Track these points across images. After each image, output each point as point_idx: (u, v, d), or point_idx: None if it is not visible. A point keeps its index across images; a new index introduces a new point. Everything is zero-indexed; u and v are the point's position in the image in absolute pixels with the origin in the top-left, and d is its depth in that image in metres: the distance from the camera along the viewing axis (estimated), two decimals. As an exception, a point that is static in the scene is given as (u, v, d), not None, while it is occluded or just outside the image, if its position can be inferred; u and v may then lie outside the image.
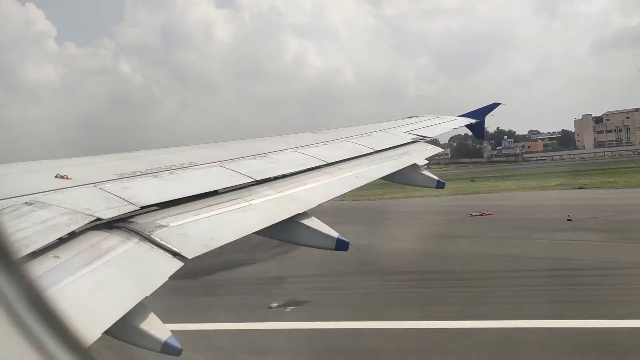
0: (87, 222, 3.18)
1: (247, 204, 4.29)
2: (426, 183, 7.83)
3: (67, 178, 3.74)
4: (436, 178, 7.79)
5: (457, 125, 12.48)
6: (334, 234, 4.52)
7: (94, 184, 3.78)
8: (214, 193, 4.33)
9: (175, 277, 3.05)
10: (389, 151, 7.87)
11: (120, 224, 3.36)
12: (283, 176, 5.27)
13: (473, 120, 13.70)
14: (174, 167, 4.61)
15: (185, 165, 4.74)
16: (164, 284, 2.99)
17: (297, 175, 5.45)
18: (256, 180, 4.83)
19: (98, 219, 3.26)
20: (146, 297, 2.86)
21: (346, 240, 4.52)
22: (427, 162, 8.14)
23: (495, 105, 14.91)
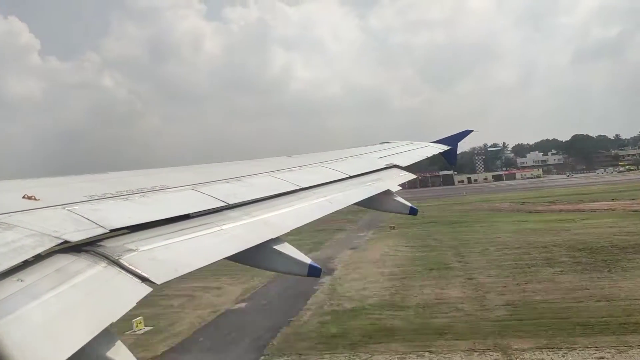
0: (54, 244, 3.11)
1: (219, 228, 4.25)
2: (399, 209, 7.87)
3: (35, 199, 3.67)
4: (409, 204, 7.84)
5: (431, 153, 12.65)
6: (307, 260, 4.50)
7: (63, 206, 3.71)
8: (186, 217, 4.29)
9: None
10: (362, 177, 7.92)
11: (88, 247, 3.30)
12: (257, 200, 5.25)
13: (446, 147, 13.92)
14: (146, 190, 4.56)
15: (157, 188, 4.69)
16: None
17: (271, 200, 5.44)
18: (229, 205, 4.80)
19: (65, 242, 3.19)
20: (112, 323, 2.80)
21: (318, 266, 4.51)
22: (400, 188, 8.20)
23: (467, 132, 15.21)
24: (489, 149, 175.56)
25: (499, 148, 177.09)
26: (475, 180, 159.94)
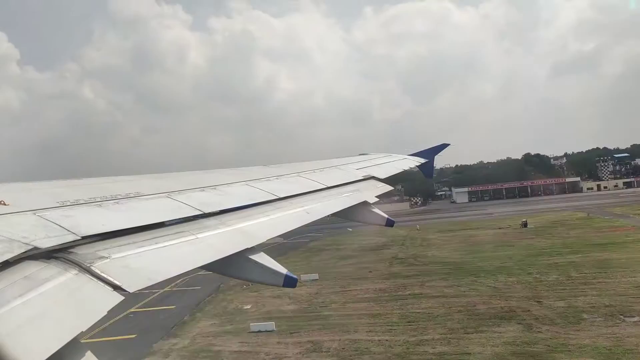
0: (23, 251, 3.03)
1: (194, 237, 4.19)
2: (376, 221, 7.89)
3: (4, 204, 3.57)
4: (386, 216, 7.87)
5: (407, 165, 12.75)
6: (283, 270, 4.47)
7: (33, 211, 3.62)
8: (160, 225, 4.22)
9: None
10: (340, 188, 7.93)
11: (59, 254, 3.22)
12: (233, 209, 5.20)
13: (423, 160, 14.06)
14: (120, 197, 4.48)
15: (132, 195, 4.62)
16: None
17: (247, 209, 5.39)
18: (205, 213, 4.75)
19: (35, 248, 3.11)
20: (82, 332, 2.73)
21: (294, 276, 4.48)
22: (377, 199, 8.22)
23: (444, 146, 15.39)
24: (615, 156, 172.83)
25: (626, 155, 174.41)
26: (605, 187, 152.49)
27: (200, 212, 4.73)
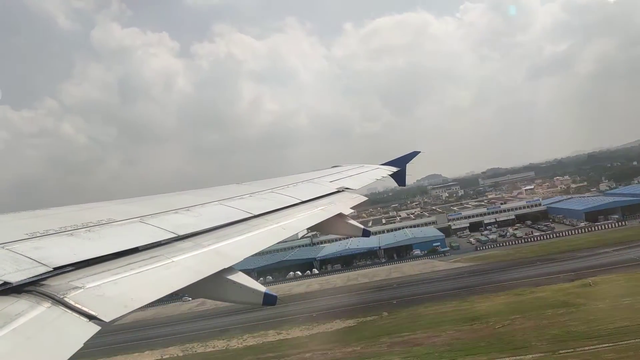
0: None
1: (169, 260, 4.13)
2: (352, 232, 7.91)
3: None
4: (362, 227, 7.89)
5: (380, 175, 12.85)
6: (262, 288, 4.42)
7: (1, 245, 3.53)
8: (135, 250, 4.15)
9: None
10: (315, 201, 7.93)
11: (30, 288, 3.13)
12: (208, 230, 5.15)
13: (395, 169, 14.17)
14: (92, 224, 4.41)
15: (104, 222, 4.54)
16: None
17: (222, 229, 5.35)
18: (179, 236, 4.69)
19: (5, 283, 3.03)
20: None
21: (274, 294, 4.44)
22: (352, 211, 8.25)
23: (415, 153, 15.54)
24: None
25: None
26: None
27: (175, 235, 4.67)
